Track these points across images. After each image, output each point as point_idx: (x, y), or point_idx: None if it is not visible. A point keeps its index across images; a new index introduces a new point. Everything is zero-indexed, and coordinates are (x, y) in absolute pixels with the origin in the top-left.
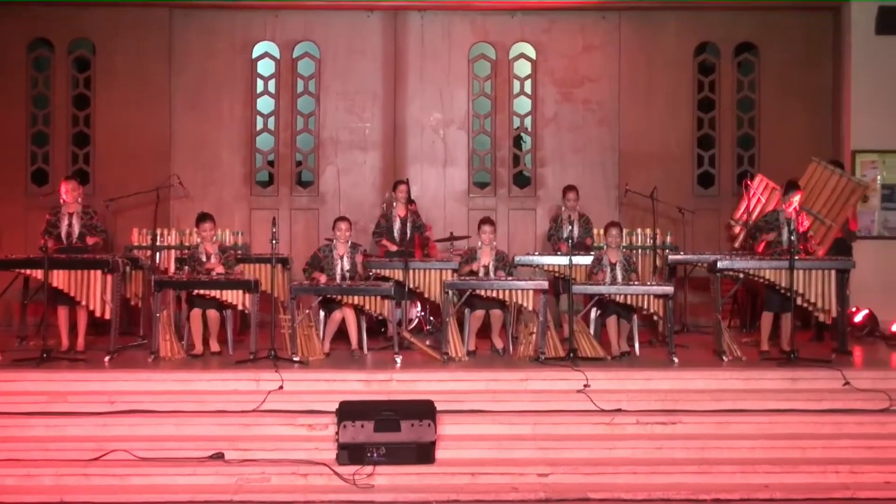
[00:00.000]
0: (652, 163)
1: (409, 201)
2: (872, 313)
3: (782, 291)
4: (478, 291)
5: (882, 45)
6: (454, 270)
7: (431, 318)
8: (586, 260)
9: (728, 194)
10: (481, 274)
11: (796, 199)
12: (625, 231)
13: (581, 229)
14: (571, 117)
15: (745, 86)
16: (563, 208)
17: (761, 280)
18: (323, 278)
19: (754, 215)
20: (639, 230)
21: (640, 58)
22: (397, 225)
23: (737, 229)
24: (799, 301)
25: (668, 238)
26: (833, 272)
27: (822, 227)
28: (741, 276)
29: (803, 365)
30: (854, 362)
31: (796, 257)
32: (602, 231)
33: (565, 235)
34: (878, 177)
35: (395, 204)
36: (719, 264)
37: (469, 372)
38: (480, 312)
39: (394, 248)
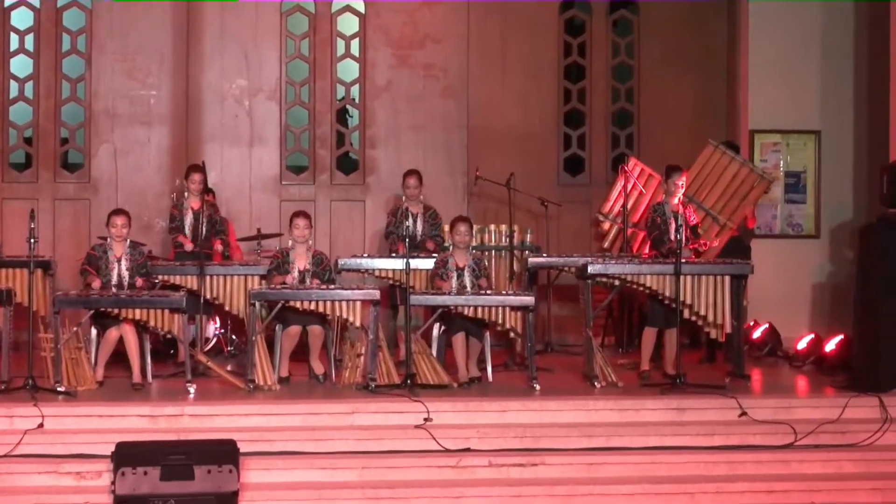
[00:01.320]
0: (508, 144)
1: (206, 191)
2: (773, 328)
3: (666, 302)
4: (291, 303)
5: (785, 8)
6: (262, 277)
7: (234, 337)
8: (429, 263)
9: (601, 182)
10: (295, 281)
11: (681, 182)
12: (475, 227)
13: (426, 225)
14: (410, 86)
15: (622, 50)
16: (403, 199)
17: (641, 288)
18: (97, 283)
19: (629, 208)
20: (492, 226)
21: (494, 14)
22: (189, 220)
23: (606, 225)
24: (686, 314)
25: (529, 236)
26: (727, 279)
27: (713, 225)
28: (617, 283)
29: (692, 392)
30: (752, 388)
31: (683, 260)
32: (448, 228)
33: (403, 233)
34: (781, 163)
35: (186, 194)
36: (590, 269)
37: (281, 403)
38: (295, 329)
39: (190, 245)
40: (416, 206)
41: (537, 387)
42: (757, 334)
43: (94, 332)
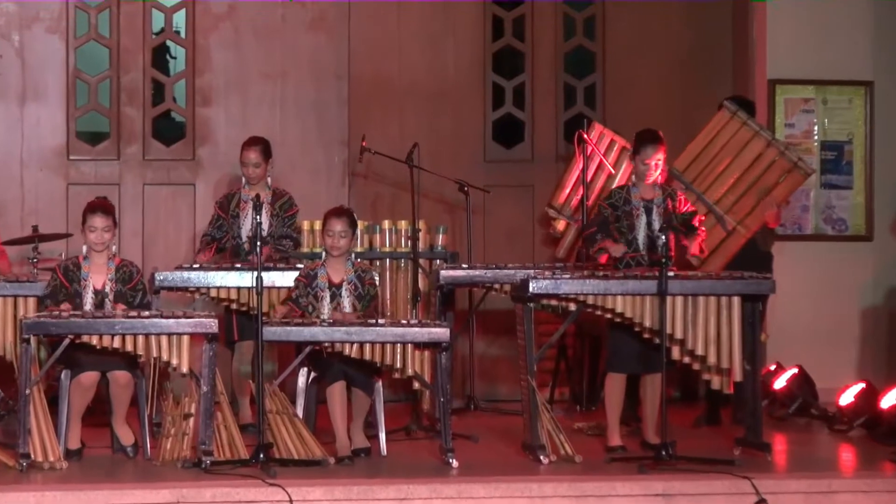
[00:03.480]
0: (411, 101)
1: None
2: (804, 374)
3: (646, 336)
4: (84, 338)
5: None
6: (41, 300)
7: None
8: (288, 278)
9: (549, 158)
10: (90, 307)
11: (656, 160)
12: (360, 225)
13: (277, 220)
14: (262, 15)
15: None
16: (242, 181)
17: (608, 315)
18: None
19: (592, 195)
20: (386, 223)
21: None
22: None
23: (560, 224)
24: (676, 354)
25: (441, 238)
26: (736, 301)
27: (716, 229)
28: (573, 307)
29: (685, 469)
30: (774, 463)
31: (671, 273)
32: (319, 225)
33: (244, 232)
34: (815, 129)
35: None
36: (533, 286)
37: (70, 489)
38: (90, 378)
39: None
40: (262, 190)
41: (454, 463)
42: (781, 383)
43: None
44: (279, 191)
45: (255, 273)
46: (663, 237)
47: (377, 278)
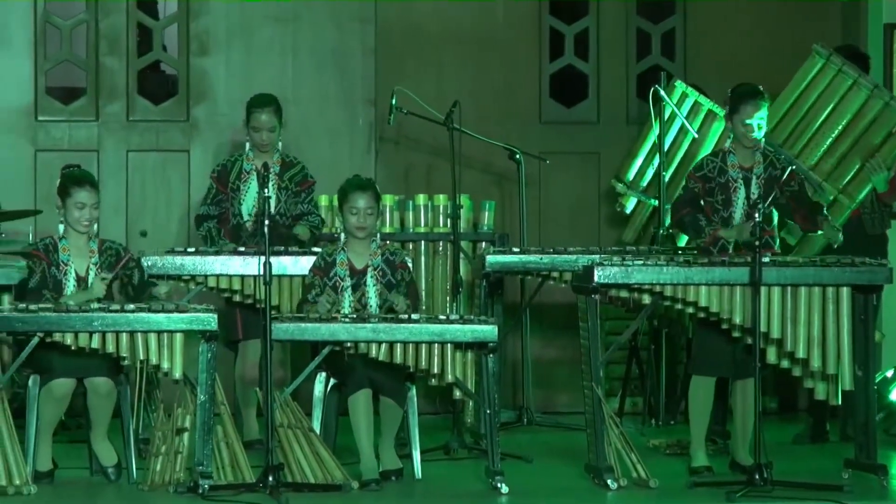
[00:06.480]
0: (450, 50)
1: None
2: None
3: (736, 335)
4: (57, 337)
5: None
6: (6, 290)
7: None
8: (303, 265)
9: (617, 120)
10: (69, 298)
11: (758, 119)
12: (389, 200)
13: (286, 194)
14: None
15: None
16: (247, 147)
17: (690, 310)
18: None
19: (670, 167)
20: (420, 199)
21: None
22: None
23: (630, 200)
24: (773, 357)
25: (487, 217)
26: (844, 293)
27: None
28: (647, 300)
29: (783, 497)
30: (891, 490)
31: (767, 258)
32: (336, 200)
33: (246, 209)
34: None
35: None
36: (598, 274)
37: None
38: (64, 385)
39: None
40: (269, 158)
41: (504, 488)
42: None
43: None
44: (288, 159)
45: (263, 259)
46: (758, 214)
47: (410, 262)
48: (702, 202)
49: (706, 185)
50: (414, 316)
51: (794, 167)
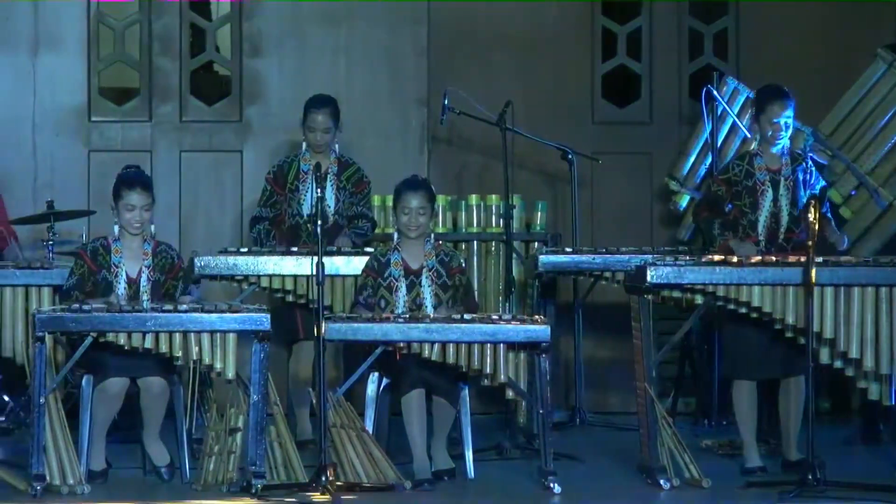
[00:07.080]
0: (502, 50)
1: None
2: None
3: (788, 335)
4: (110, 338)
5: None
6: (59, 291)
7: (6, 399)
8: (356, 266)
9: (670, 119)
10: (121, 299)
11: (784, 118)
12: (443, 200)
13: (343, 195)
14: None
15: None
16: (303, 147)
17: (743, 310)
18: None
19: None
20: (473, 199)
21: None
22: None
23: (683, 199)
24: (825, 357)
25: (539, 217)
26: None
27: (869, 206)
28: (699, 300)
29: (835, 497)
30: None
31: (820, 259)
32: (391, 200)
33: (306, 209)
34: None
35: None
36: (651, 274)
37: None
38: (118, 385)
39: None
40: (325, 160)
41: (556, 488)
42: None
43: None
44: (345, 159)
45: (316, 259)
46: (811, 214)
47: (464, 264)
48: (727, 206)
49: (732, 189)
50: (467, 316)
51: (848, 170)
